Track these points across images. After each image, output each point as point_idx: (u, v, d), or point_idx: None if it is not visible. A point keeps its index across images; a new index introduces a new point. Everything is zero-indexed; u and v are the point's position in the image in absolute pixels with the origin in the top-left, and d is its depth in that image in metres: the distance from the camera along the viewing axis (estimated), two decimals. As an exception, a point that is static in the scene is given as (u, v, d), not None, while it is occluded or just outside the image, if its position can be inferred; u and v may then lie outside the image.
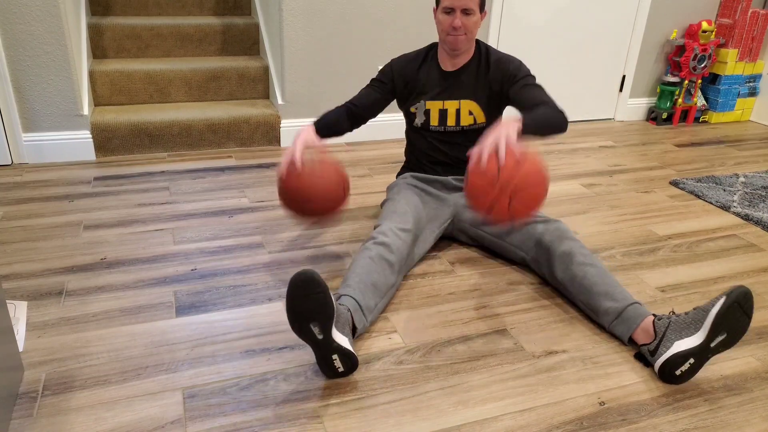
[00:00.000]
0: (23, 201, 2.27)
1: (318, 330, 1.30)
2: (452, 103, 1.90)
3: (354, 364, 1.38)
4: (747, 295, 1.33)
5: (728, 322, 1.33)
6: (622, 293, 1.57)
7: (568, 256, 1.68)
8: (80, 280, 1.77)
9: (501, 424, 1.29)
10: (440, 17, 1.78)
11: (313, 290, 1.26)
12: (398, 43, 3.02)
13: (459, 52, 1.83)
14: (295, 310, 1.28)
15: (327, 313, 1.29)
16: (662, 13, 3.48)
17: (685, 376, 1.40)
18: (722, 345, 1.36)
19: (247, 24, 3.28)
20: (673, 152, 3.15)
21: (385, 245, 1.64)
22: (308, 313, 1.28)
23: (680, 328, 1.40)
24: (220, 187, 2.46)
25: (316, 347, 1.33)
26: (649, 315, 1.50)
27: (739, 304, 1.32)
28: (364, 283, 1.54)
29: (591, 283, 1.62)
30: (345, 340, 1.36)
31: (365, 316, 1.51)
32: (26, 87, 2.54)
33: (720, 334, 1.34)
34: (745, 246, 2.15)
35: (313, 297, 1.27)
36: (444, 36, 1.80)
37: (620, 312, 1.54)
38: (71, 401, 1.31)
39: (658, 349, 1.43)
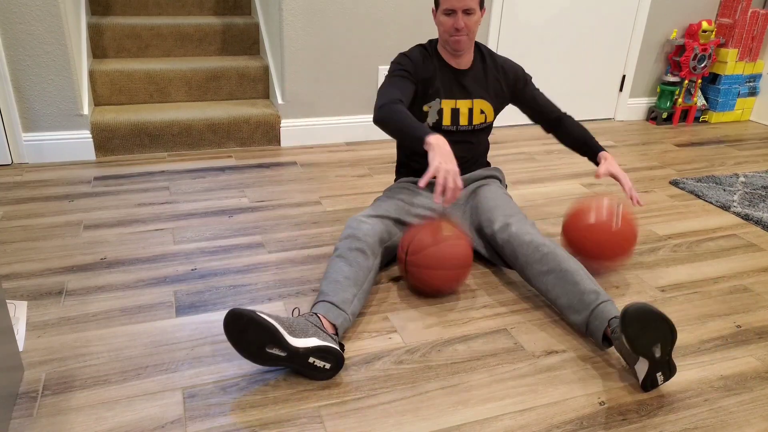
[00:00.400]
0: (23, 201, 2.27)
1: (278, 349, 1.32)
2: (465, 102, 1.88)
3: (337, 356, 1.37)
4: (631, 316, 1.31)
5: (644, 341, 1.32)
6: (582, 300, 1.53)
7: (526, 268, 1.66)
8: (80, 279, 1.77)
9: (501, 424, 1.29)
10: (441, 19, 1.77)
11: (241, 323, 1.30)
12: (398, 43, 3.02)
13: (461, 52, 1.82)
14: (244, 348, 1.33)
15: (269, 331, 1.31)
16: (662, 12, 3.48)
17: (666, 380, 1.39)
18: (665, 347, 1.34)
19: (247, 24, 3.28)
20: (673, 152, 3.15)
21: (349, 237, 1.63)
22: (255, 342, 1.31)
23: (627, 353, 1.40)
24: (220, 187, 2.46)
25: (290, 362, 1.34)
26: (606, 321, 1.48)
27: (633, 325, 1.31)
28: (334, 282, 1.53)
29: (554, 297, 1.60)
30: (312, 340, 1.36)
31: (343, 309, 1.49)
32: (26, 87, 2.53)
33: (654, 347, 1.33)
34: (745, 246, 2.15)
35: (247, 327, 1.30)
36: (447, 37, 1.79)
37: (586, 325, 1.53)
38: (71, 401, 1.31)
39: (630, 368, 1.43)
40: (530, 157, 2.98)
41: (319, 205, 2.34)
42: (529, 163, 2.91)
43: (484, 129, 1.96)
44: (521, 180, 2.68)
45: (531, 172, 2.77)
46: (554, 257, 1.61)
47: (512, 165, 2.86)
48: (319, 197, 2.41)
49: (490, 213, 1.80)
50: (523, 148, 3.12)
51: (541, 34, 3.30)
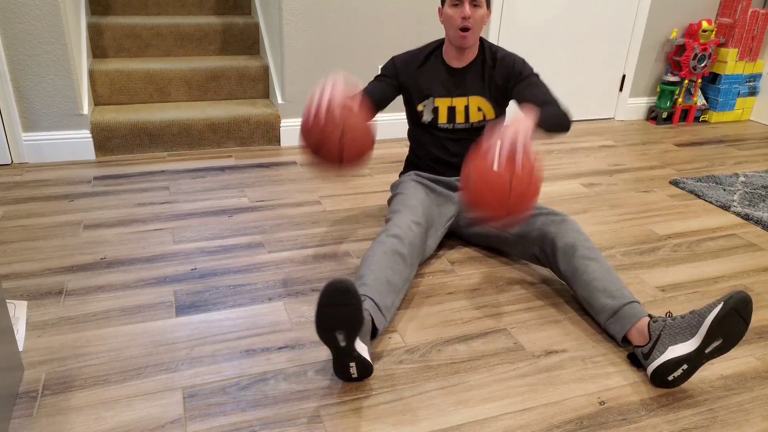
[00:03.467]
0: (23, 200, 2.27)
1: (342, 338, 1.28)
2: (461, 100, 1.89)
3: (368, 371, 1.37)
4: (746, 300, 1.29)
5: (725, 328, 1.30)
6: (621, 291, 1.56)
7: (571, 248, 1.67)
8: (80, 279, 1.77)
9: (501, 424, 1.29)
10: (449, 12, 1.76)
11: (347, 301, 1.25)
12: (398, 42, 3.02)
13: (466, 47, 1.81)
14: (325, 315, 1.26)
15: (355, 325, 1.27)
16: (662, 12, 3.48)
17: (677, 381, 1.38)
18: (717, 350, 1.33)
19: (247, 23, 3.28)
20: (673, 152, 3.15)
21: (397, 237, 1.63)
22: (337, 321, 1.26)
23: (675, 332, 1.38)
24: (220, 187, 2.46)
25: (337, 353, 1.32)
26: (645, 316, 1.49)
27: (737, 310, 1.29)
28: (380, 282, 1.52)
29: (591, 278, 1.61)
30: (365, 349, 1.35)
31: (384, 316, 1.49)
32: (26, 86, 2.53)
33: (715, 340, 1.31)
34: (745, 245, 2.15)
35: (346, 307, 1.25)
36: (453, 31, 1.77)
37: (616, 310, 1.53)
38: (71, 401, 1.31)
39: (652, 353, 1.41)
40: (530, 157, 2.98)
41: (319, 204, 2.34)
42: (529, 162, 2.90)
43: (485, 127, 1.96)
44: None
45: (531, 172, 2.77)
46: (597, 252, 1.66)
47: (512, 165, 2.86)
48: (319, 197, 2.41)
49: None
50: (523, 147, 3.11)
51: (541, 35, 3.30)
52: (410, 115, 2.00)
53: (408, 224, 1.68)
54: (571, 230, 1.71)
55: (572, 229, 1.71)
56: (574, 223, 1.74)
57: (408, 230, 1.66)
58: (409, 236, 1.65)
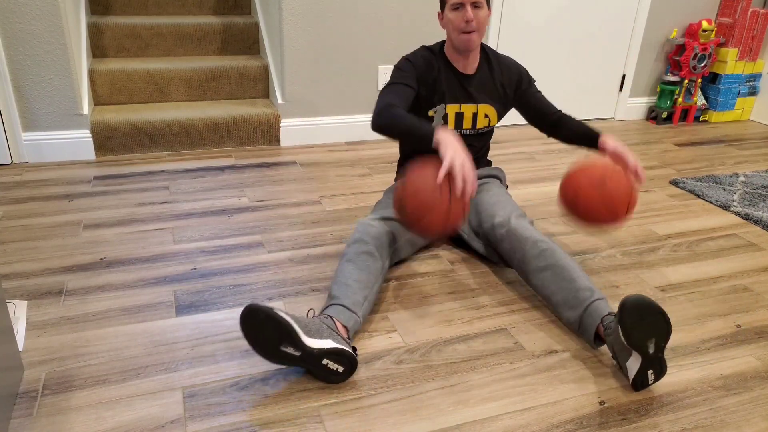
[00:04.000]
0: (23, 200, 2.27)
1: (292, 348, 1.31)
2: (470, 107, 1.87)
3: (351, 359, 1.37)
4: (629, 307, 1.30)
5: (640, 334, 1.31)
6: (576, 296, 1.53)
7: (523, 264, 1.66)
8: (80, 279, 1.77)
9: (501, 424, 1.29)
10: (450, 16, 1.74)
11: (258, 319, 1.29)
12: (398, 42, 3.02)
13: (470, 51, 1.78)
14: (258, 345, 1.31)
15: (286, 329, 1.29)
16: (662, 12, 3.48)
17: (657, 380, 1.39)
18: (659, 343, 1.33)
19: (246, 23, 3.28)
20: (673, 151, 3.15)
21: (358, 242, 1.63)
22: (271, 339, 1.30)
23: (620, 349, 1.39)
24: (220, 187, 2.46)
25: (303, 362, 1.33)
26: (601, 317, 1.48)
27: (631, 315, 1.30)
28: (345, 285, 1.53)
29: (548, 294, 1.60)
30: (327, 342, 1.35)
31: (355, 311, 1.49)
32: (26, 86, 2.53)
33: (649, 342, 1.32)
34: (745, 245, 2.15)
35: (264, 324, 1.29)
36: (457, 35, 1.74)
37: (579, 321, 1.53)
38: (71, 401, 1.31)
39: (620, 367, 1.43)
40: (530, 157, 2.98)
41: (319, 204, 2.34)
42: (529, 162, 2.90)
43: (486, 132, 1.96)
44: (521, 179, 2.68)
45: (531, 172, 2.77)
46: (552, 253, 1.61)
47: (512, 164, 2.86)
48: (319, 197, 2.41)
49: (490, 208, 1.81)
50: (524, 147, 3.12)
51: (541, 34, 3.30)
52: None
53: (365, 224, 1.69)
54: (520, 241, 1.67)
55: (520, 239, 1.67)
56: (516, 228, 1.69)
57: (367, 228, 1.67)
58: (370, 233, 1.65)
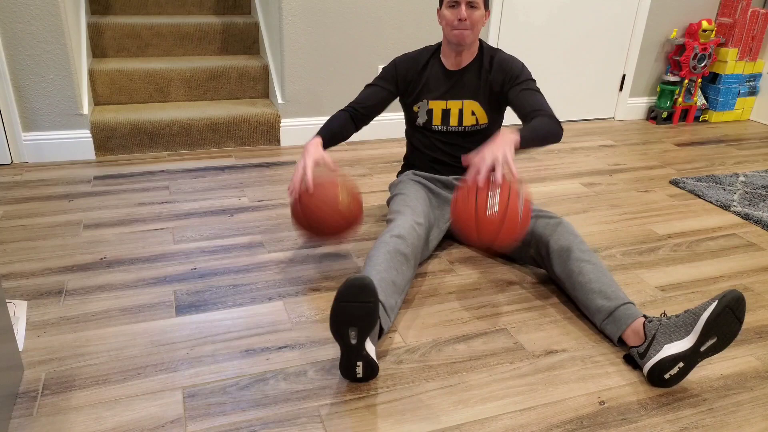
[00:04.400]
0: (23, 200, 2.27)
1: (354, 335, 1.29)
2: (455, 103, 1.89)
3: (374, 372, 1.37)
4: (739, 299, 1.30)
5: (719, 326, 1.31)
6: (616, 293, 1.56)
7: (566, 251, 1.67)
8: (80, 279, 1.77)
9: (501, 424, 1.29)
10: (445, 13, 1.78)
11: (366, 298, 1.26)
12: (398, 42, 3.02)
13: (464, 47, 1.81)
14: (341, 310, 1.26)
15: (370, 323, 1.28)
16: (662, 12, 3.48)
17: (673, 379, 1.38)
18: (712, 349, 1.33)
19: (246, 23, 3.28)
20: (673, 151, 3.15)
21: (401, 238, 1.63)
22: (353, 317, 1.27)
23: (670, 331, 1.38)
24: (220, 186, 2.46)
25: (346, 350, 1.32)
26: (640, 316, 1.49)
27: (731, 309, 1.30)
28: (385, 282, 1.53)
29: (586, 280, 1.61)
30: (373, 350, 1.37)
31: (389, 316, 1.50)
32: (26, 86, 2.53)
33: (710, 339, 1.32)
34: (745, 245, 2.15)
35: (364, 305, 1.26)
36: (449, 31, 1.79)
37: (612, 311, 1.53)
38: (71, 400, 1.31)
39: (648, 351, 1.42)
40: (530, 157, 2.98)
41: (319, 204, 2.33)
42: (529, 162, 2.91)
43: (478, 131, 1.95)
44: (521, 179, 2.68)
45: (531, 172, 2.77)
46: (593, 254, 1.67)
47: (512, 164, 2.86)
48: (319, 197, 2.40)
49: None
50: (523, 147, 3.12)
51: (541, 34, 3.30)
52: (407, 115, 2.01)
53: (411, 225, 1.68)
54: (566, 233, 1.71)
55: (567, 231, 1.71)
56: (569, 225, 1.74)
57: (411, 231, 1.67)
58: (411, 237, 1.65)
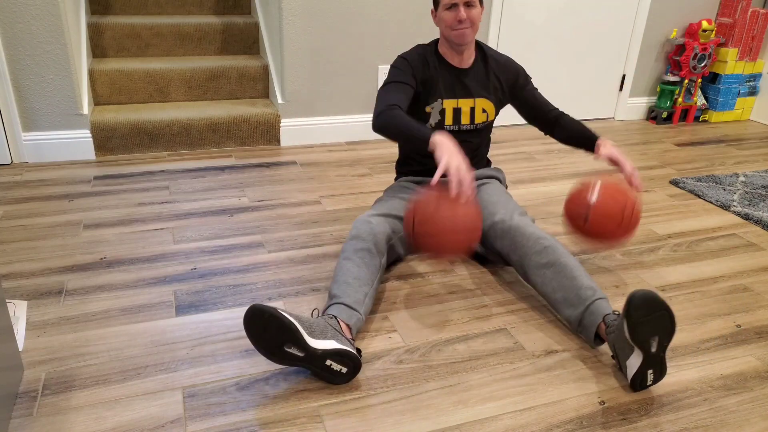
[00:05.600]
0: (23, 200, 2.27)
1: (296, 349, 1.31)
2: (467, 102, 1.88)
3: (354, 360, 1.36)
4: (637, 301, 1.29)
5: (645, 330, 1.31)
6: (578, 294, 1.53)
7: (524, 260, 1.66)
8: (80, 279, 1.77)
9: (501, 424, 1.29)
10: (443, 15, 1.77)
11: (263, 319, 1.29)
12: (398, 42, 3.02)
13: (465, 46, 1.80)
14: (262, 345, 1.31)
15: (290, 330, 1.30)
16: (662, 12, 3.48)
17: (656, 381, 1.39)
18: (663, 342, 1.32)
19: (246, 23, 3.28)
20: (673, 151, 3.15)
21: (355, 238, 1.64)
22: (275, 340, 1.30)
23: (622, 347, 1.38)
24: (220, 186, 2.46)
25: (307, 363, 1.33)
26: (603, 315, 1.48)
27: (639, 309, 1.29)
28: (345, 284, 1.54)
29: (549, 291, 1.60)
30: (330, 343, 1.35)
31: (356, 309, 1.49)
32: (26, 86, 2.53)
33: (652, 340, 1.31)
34: (745, 245, 2.15)
35: (268, 324, 1.29)
36: (449, 32, 1.78)
37: (579, 320, 1.53)
38: (71, 400, 1.31)
39: (620, 367, 1.43)
40: (530, 157, 2.98)
41: (319, 204, 2.34)
42: (529, 162, 2.91)
43: (486, 127, 1.96)
44: (521, 179, 2.68)
45: (531, 172, 2.77)
46: (554, 250, 1.61)
47: (512, 164, 2.86)
48: (319, 197, 2.41)
49: (492, 206, 1.81)
50: (523, 147, 3.12)
51: (541, 34, 3.30)
52: (416, 117, 1.92)
53: (362, 221, 1.69)
54: (517, 241, 1.67)
55: (518, 235, 1.67)
56: (516, 227, 1.68)
57: (363, 225, 1.67)
58: (365, 230, 1.65)
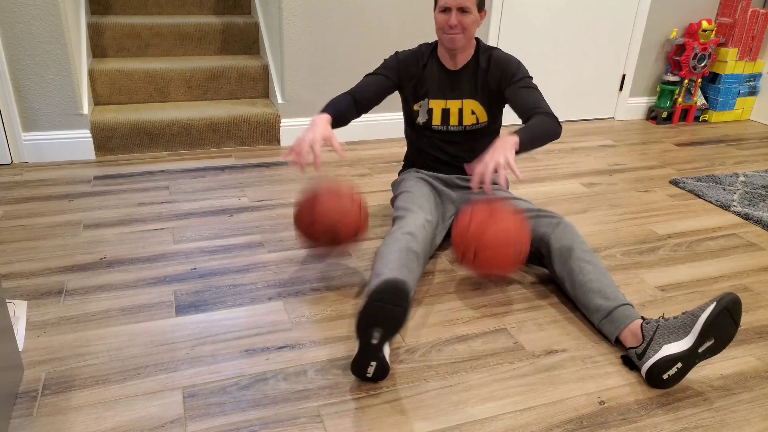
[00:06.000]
0: (23, 200, 2.27)
1: (377, 336, 1.30)
2: (455, 103, 1.89)
3: (384, 374, 1.38)
4: (736, 302, 1.32)
5: (717, 328, 1.33)
6: (615, 293, 1.57)
7: (567, 250, 1.68)
8: (80, 279, 1.77)
9: (501, 424, 1.29)
10: (437, 17, 1.78)
11: (399, 302, 1.28)
12: (398, 42, 3.02)
13: (456, 50, 1.82)
14: (373, 309, 1.28)
15: (396, 327, 1.30)
16: (662, 12, 3.48)
17: (672, 380, 1.39)
18: (709, 351, 1.35)
19: (246, 23, 3.28)
20: (673, 151, 3.15)
21: (412, 235, 1.63)
22: (382, 318, 1.28)
23: (669, 332, 1.39)
24: (220, 186, 2.46)
25: (365, 348, 1.33)
26: (638, 318, 1.50)
27: (729, 311, 1.32)
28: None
29: (586, 280, 1.61)
30: (388, 352, 1.38)
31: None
32: (26, 86, 2.53)
33: (708, 340, 1.34)
34: (745, 245, 2.15)
35: (396, 308, 1.28)
36: (441, 34, 1.80)
37: (610, 311, 1.54)
38: (71, 400, 1.31)
39: (646, 352, 1.42)
40: (530, 157, 2.98)
41: (319, 204, 2.33)
42: (529, 162, 2.91)
43: (480, 130, 1.95)
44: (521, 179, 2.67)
45: (531, 172, 2.77)
46: (598, 260, 1.67)
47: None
48: (319, 197, 2.40)
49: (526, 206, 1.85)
50: (523, 147, 3.12)
51: (541, 34, 3.30)
52: (406, 114, 2.01)
53: (422, 222, 1.69)
54: (568, 233, 1.71)
55: (568, 231, 1.72)
56: (571, 225, 1.74)
57: (422, 228, 1.67)
58: (422, 234, 1.66)
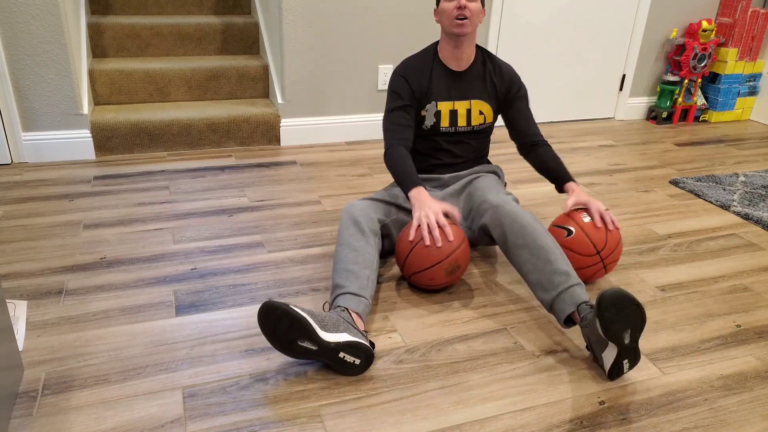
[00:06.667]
0: (23, 200, 2.27)
1: (309, 343, 1.34)
2: (463, 104, 1.88)
3: (366, 351, 1.40)
4: (606, 301, 1.32)
5: (617, 326, 1.34)
6: (551, 277, 1.54)
7: (502, 239, 1.67)
8: (80, 279, 1.77)
9: (501, 423, 1.29)
10: (444, 7, 1.76)
11: (276, 315, 1.32)
12: (398, 42, 3.02)
13: (463, 39, 1.79)
14: (276, 340, 1.34)
15: (302, 325, 1.33)
16: (662, 12, 3.48)
17: (631, 367, 1.42)
18: (635, 333, 1.36)
19: (246, 23, 3.28)
20: (673, 151, 3.15)
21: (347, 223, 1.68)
22: (288, 335, 1.33)
23: (596, 341, 1.42)
24: (220, 186, 2.46)
25: (320, 356, 1.36)
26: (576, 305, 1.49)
27: (609, 309, 1.32)
28: (345, 271, 1.56)
29: (525, 272, 1.61)
30: (343, 335, 1.38)
31: (362, 295, 1.52)
32: (26, 86, 2.53)
33: (624, 334, 1.35)
34: (745, 245, 2.15)
35: (281, 320, 1.32)
36: (449, 23, 1.76)
37: (550, 304, 1.54)
38: (71, 400, 1.31)
39: (595, 358, 1.46)
40: (530, 157, 2.98)
41: (318, 204, 2.34)
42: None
43: (484, 130, 1.96)
44: (521, 179, 2.68)
45: (531, 171, 2.77)
46: (531, 231, 1.61)
47: (512, 164, 2.86)
48: (318, 196, 2.41)
49: (482, 191, 1.83)
50: (523, 147, 3.12)
51: (541, 34, 3.30)
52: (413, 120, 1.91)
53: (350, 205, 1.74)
54: (496, 218, 1.68)
55: (497, 215, 1.68)
56: (505, 204, 1.69)
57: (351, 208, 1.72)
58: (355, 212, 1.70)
